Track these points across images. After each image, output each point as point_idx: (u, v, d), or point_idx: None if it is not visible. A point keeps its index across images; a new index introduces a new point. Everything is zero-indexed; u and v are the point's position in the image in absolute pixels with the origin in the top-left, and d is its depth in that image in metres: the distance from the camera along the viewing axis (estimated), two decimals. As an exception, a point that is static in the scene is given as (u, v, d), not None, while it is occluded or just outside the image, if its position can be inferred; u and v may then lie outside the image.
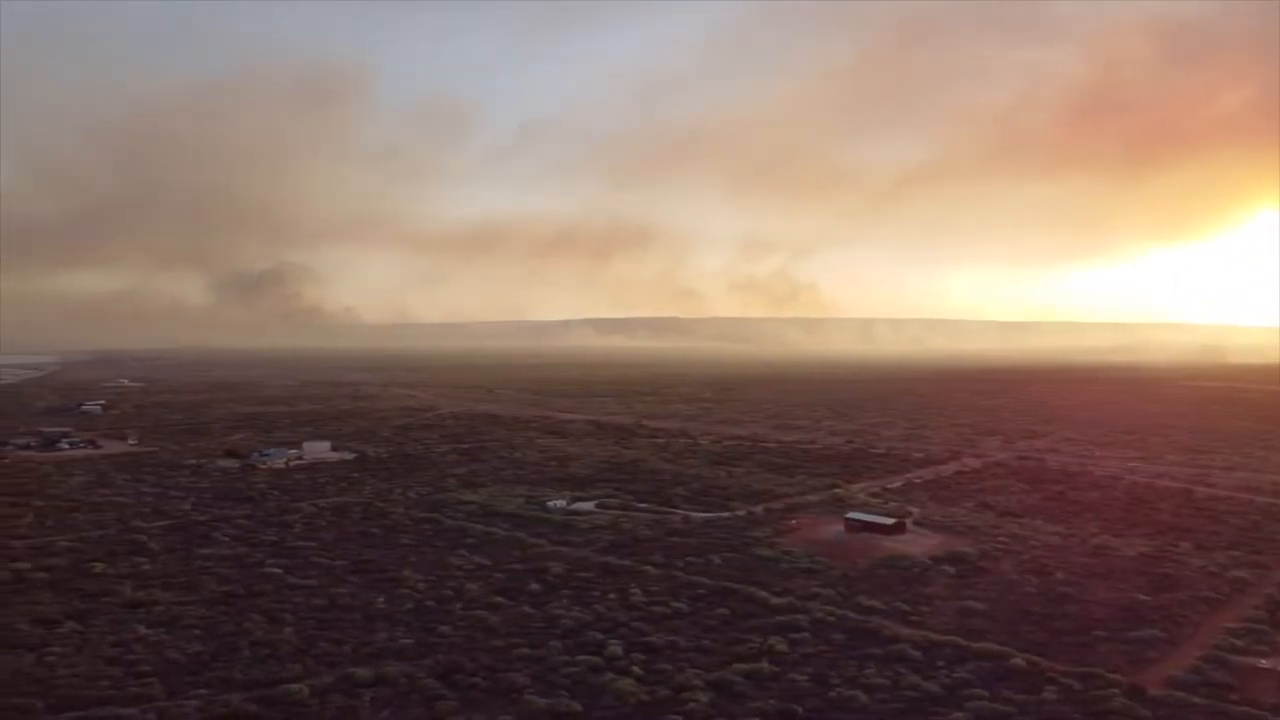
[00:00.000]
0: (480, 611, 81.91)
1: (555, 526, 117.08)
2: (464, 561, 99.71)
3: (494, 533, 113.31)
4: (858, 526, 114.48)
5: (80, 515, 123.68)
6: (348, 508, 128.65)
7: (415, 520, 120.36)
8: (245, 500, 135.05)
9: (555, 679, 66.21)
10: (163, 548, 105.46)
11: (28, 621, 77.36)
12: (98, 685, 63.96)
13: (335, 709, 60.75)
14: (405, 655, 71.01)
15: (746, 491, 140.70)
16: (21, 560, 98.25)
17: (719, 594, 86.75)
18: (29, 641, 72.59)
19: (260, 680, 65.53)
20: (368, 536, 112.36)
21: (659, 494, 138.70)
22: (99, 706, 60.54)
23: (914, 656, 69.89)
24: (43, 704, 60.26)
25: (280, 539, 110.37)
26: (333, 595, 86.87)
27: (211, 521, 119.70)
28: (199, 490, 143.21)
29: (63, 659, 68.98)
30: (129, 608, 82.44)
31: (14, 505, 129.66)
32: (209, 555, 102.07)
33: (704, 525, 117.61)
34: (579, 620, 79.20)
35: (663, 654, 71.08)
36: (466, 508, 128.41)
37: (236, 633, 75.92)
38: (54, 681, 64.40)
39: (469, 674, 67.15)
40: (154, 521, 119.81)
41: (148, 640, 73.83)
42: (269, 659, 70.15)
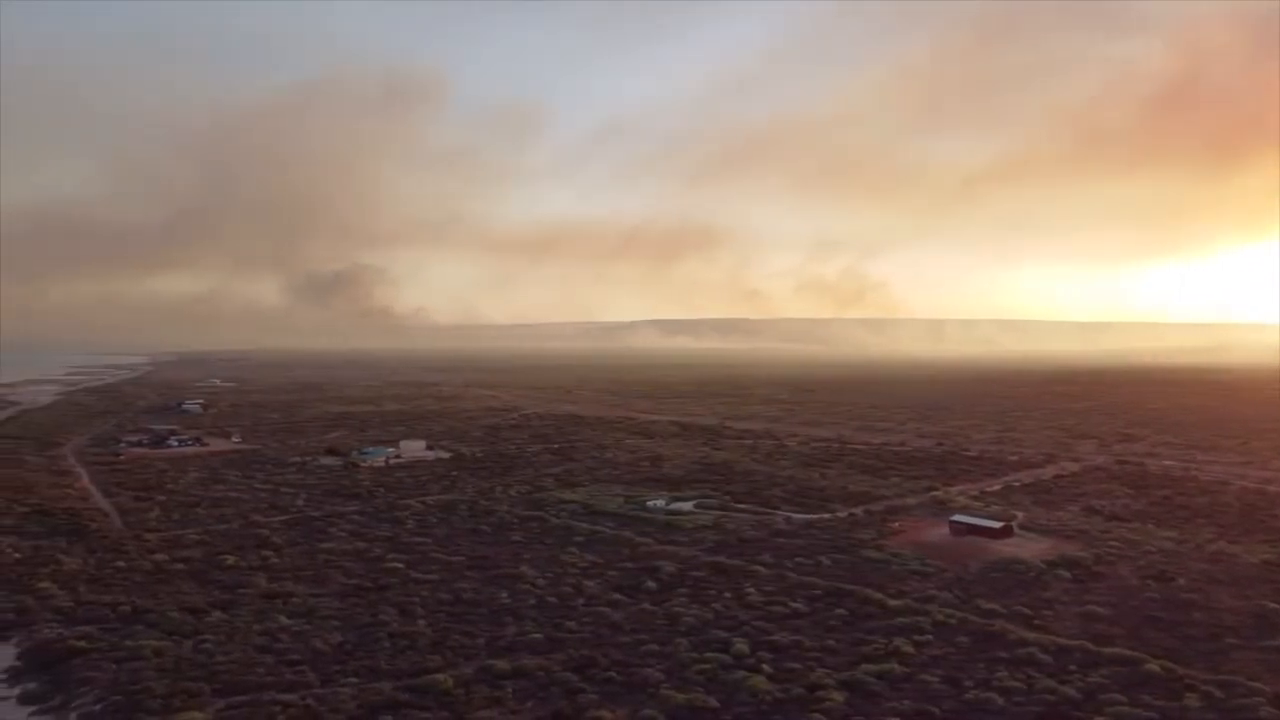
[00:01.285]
0: (602, 608, 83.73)
1: (659, 526, 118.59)
2: (576, 559, 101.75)
3: (600, 531, 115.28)
4: (963, 529, 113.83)
5: (202, 510, 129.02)
6: (454, 505, 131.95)
7: (521, 518, 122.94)
8: (354, 497, 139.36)
9: (687, 675, 67.57)
10: (286, 542, 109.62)
11: (178, 610, 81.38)
12: (254, 672, 67.22)
13: (482, 699, 62.92)
14: (537, 649, 73.06)
15: (843, 493, 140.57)
16: (158, 552, 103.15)
17: (835, 595, 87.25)
18: (184, 629, 76.48)
19: (405, 670, 68.20)
20: (478, 533, 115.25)
21: (756, 495, 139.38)
22: (259, 692, 63.64)
23: (1044, 660, 69.65)
24: (209, 688, 63.58)
25: (395, 535, 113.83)
26: (456, 590, 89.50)
27: (326, 517, 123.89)
28: (308, 487, 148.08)
29: (218, 646, 72.58)
30: (267, 599, 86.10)
31: (139, 500, 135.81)
32: (331, 550, 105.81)
33: (806, 526, 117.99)
34: (700, 618, 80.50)
35: (789, 653, 71.97)
36: (568, 506, 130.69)
37: (373, 624, 78.86)
38: (214, 667, 67.84)
39: (603, 668, 68.91)
40: (272, 517, 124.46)
41: (291, 630, 77.19)
42: (408, 650, 72.86)
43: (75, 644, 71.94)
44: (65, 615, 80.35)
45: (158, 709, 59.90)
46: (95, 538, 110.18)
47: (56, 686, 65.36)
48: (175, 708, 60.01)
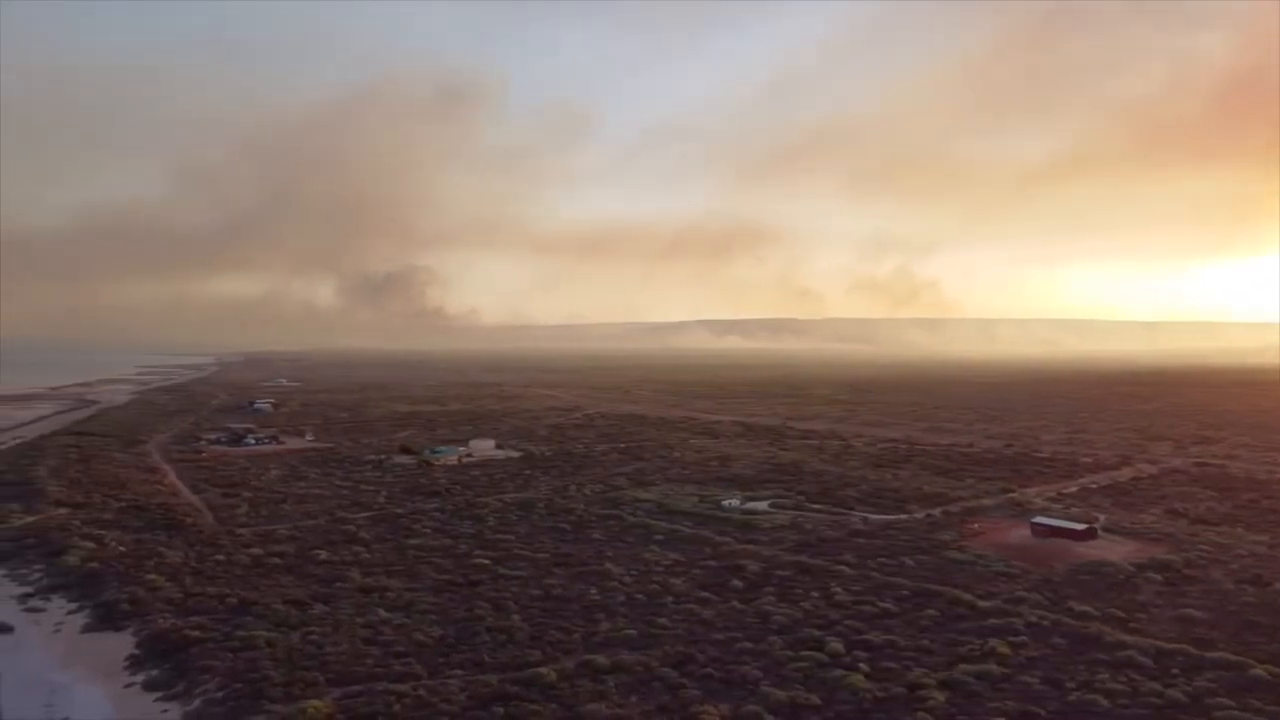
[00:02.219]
0: (691, 606, 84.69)
1: (736, 525, 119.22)
2: (659, 557, 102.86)
3: (679, 530, 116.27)
4: (1045, 531, 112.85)
5: (288, 506, 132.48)
6: (531, 503, 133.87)
7: (599, 517, 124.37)
8: (433, 494, 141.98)
9: (785, 673, 68.25)
10: (374, 537, 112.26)
11: (281, 602, 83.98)
12: (364, 663, 69.32)
13: (587, 693, 64.22)
14: (633, 645, 74.22)
15: (918, 494, 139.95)
16: (253, 547, 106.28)
17: (923, 595, 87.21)
18: (290, 621, 78.98)
19: (508, 663, 69.79)
20: (558, 531, 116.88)
21: (830, 495, 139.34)
22: (371, 682, 65.62)
23: (1144, 663, 69.11)
24: (323, 678, 65.74)
25: (478, 532, 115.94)
26: (546, 586, 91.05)
27: (410, 514, 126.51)
28: (387, 485, 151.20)
29: (325, 637, 74.87)
30: (364, 592, 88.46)
31: (226, 496, 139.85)
32: (418, 546, 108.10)
33: (885, 527, 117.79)
34: (791, 617, 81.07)
35: (884, 652, 72.27)
36: (644, 505, 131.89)
37: (469, 618, 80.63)
38: (325, 658, 70.04)
39: (700, 665, 69.86)
40: (357, 513, 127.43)
41: (392, 623, 79.27)
42: (507, 644, 74.46)
43: (190, 634, 74.62)
44: (176, 606, 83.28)
45: (280, 697, 62.08)
46: (192, 532, 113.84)
47: (178, 674, 67.97)
48: (296, 696, 62.17)
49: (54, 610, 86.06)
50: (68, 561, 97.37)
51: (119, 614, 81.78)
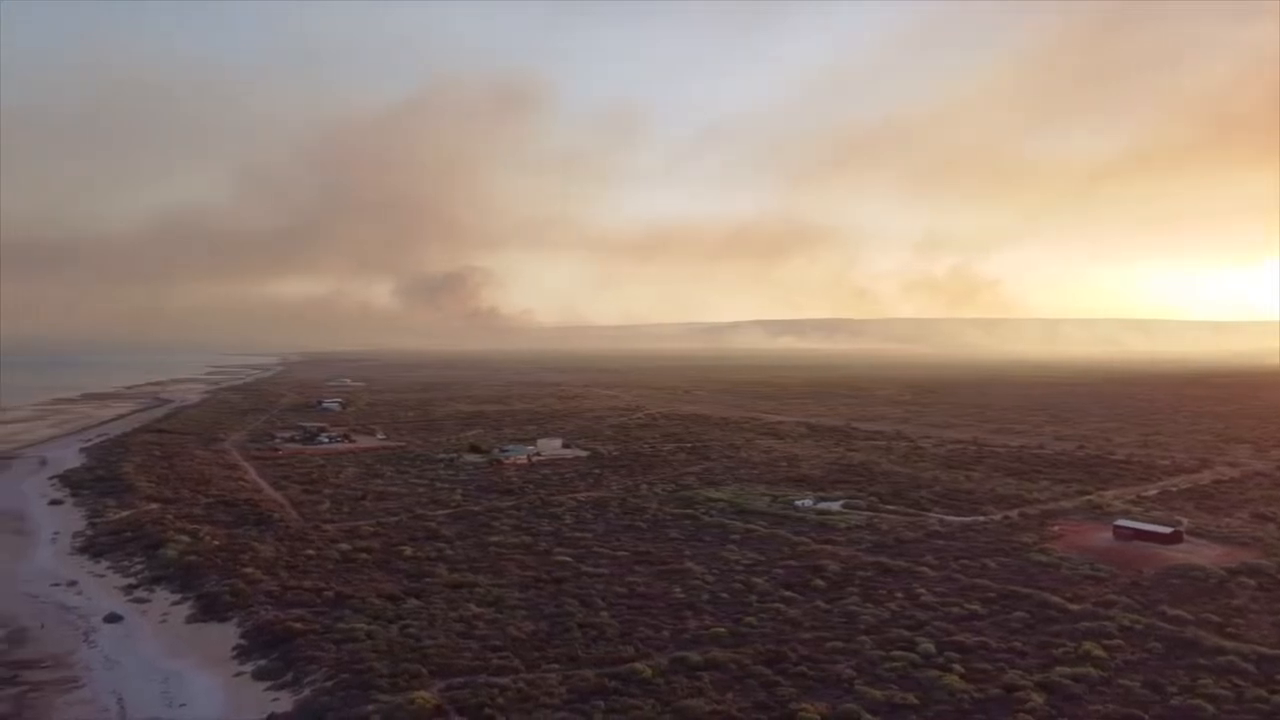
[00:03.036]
0: (776, 605, 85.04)
1: (812, 525, 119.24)
2: (738, 556, 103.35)
3: (755, 529, 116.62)
4: (1129, 534, 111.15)
5: (368, 503, 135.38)
6: (605, 502, 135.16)
7: (674, 516, 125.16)
8: (507, 493, 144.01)
9: (878, 672, 68.35)
10: (455, 534, 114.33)
11: (375, 596, 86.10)
12: (463, 656, 70.88)
13: (684, 689, 65.05)
14: (723, 643, 74.84)
15: (992, 496, 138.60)
16: (340, 542, 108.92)
17: (1009, 597, 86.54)
18: (386, 614, 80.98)
19: (602, 659, 70.85)
20: (634, 530, 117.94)
21: (903, 497, 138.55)
22: (472, 674, 67.14)
23: (1247, 669, 67.99)
24: (426, 670, 67.43)
25: (556, 530, 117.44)
26: (629, 584, 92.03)
27: (487, 512, 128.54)
28: (461, 483, 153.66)
29: (422, 630, 76.68)
30: (453, 588, 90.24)
31: (307, 493, 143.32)
32: (499, 543, 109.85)
33: (963, 529, 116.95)
34: (877, 617, 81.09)
35: (976, 653, 72.01)
36: (716, 505, 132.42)
37: (559, 614, 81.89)
38: (424, 650, 71.73)
39: (793, 663, 70.26)
40: (435, 510, 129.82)
41: (484, 618, 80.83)
42: (598, 640, 75.56)
43: (293, 625, 76.93)
44: (275, 599, 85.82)
45: (386, 688, 63.80)
46: (280, 527, 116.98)
47: (285, 664, 70.21)
48: (402, 687, 63.86)
49: (158, 601, 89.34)
50: (167, 555, 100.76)
51: (222, 605, 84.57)
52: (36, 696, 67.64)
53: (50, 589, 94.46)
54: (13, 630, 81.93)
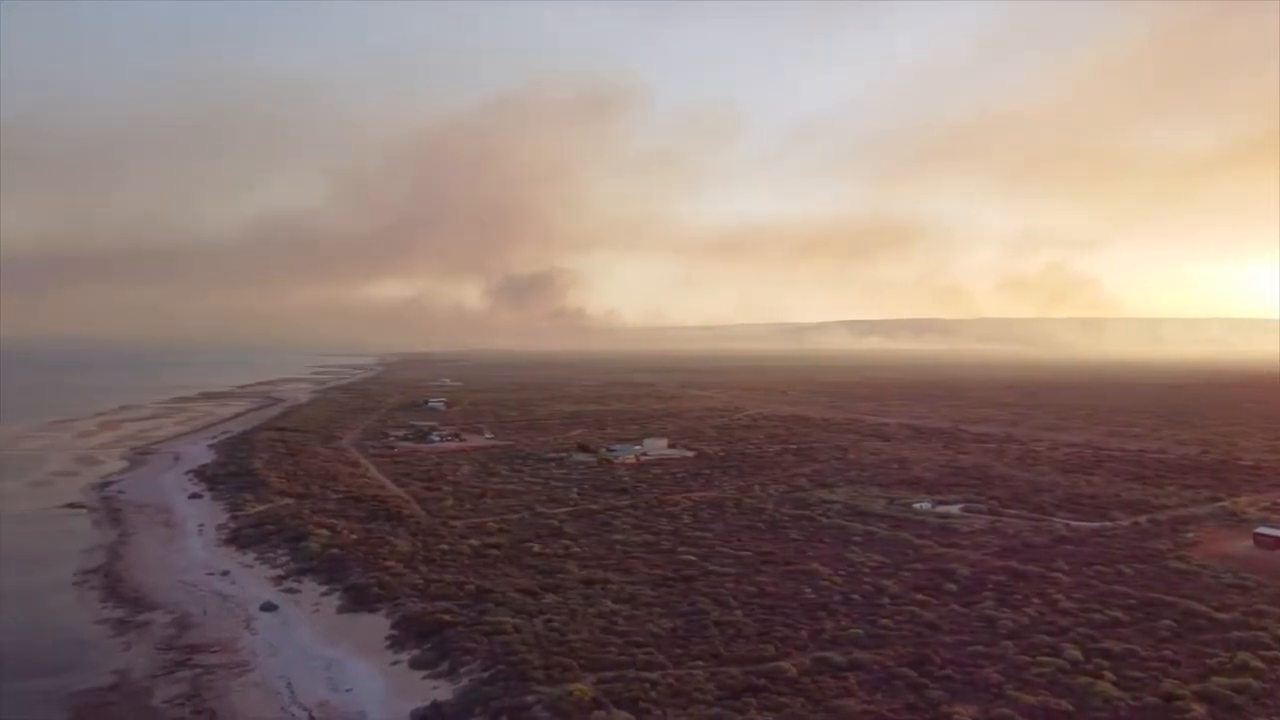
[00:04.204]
0: (910, 608, 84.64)
1: (933, 528, 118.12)
2: (863, 558, 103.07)
3: (875, 532, 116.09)
4: (1272, 542, 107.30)
5: (489, 500, 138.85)
6: (720, 502, 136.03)
7: (791, 517, 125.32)
8: (621, 492, 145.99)
9: (1026, 677, 67.61)
10: (578, 532, 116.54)
11: (514, 591, 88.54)
12: (608, 650, 72.50)
13: (833, 689, 65.54)
14: (862, 644, 74.92)
15: (1117, 501, 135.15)
16: (469, 538, 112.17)
17: (1152, 605, 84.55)
18: (528, 608, 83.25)
19: (745, 657, 71.69)
20: (754, 530, 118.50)
21: (1024, 501, 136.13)
22: (619, 669, 68.64)
23: None
24: (576, 663, 69.30)
25: (676, 529, 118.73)
26: (758, 584, 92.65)
27: (605, 510, 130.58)
28: (574, 481, 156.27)
29: (565, 625, 78.64)
30: (586, 584, 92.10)
31: (429, 490, 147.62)
32: (622, 541, 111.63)
33: (1092, 534, 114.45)
34: (1017, 622, 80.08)
35: (1126, 661, 70.69)
36: (832, 506, 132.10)
37: (694, 612, 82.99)
38: (571, 644, 73.58)
39: (938, 666, 70.05)
40: (555, 508, 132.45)
41: (622, 614, 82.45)
42: (737, 638, 76.41)
43: (441, 617, 79.74)
44: (420, 591, 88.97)
45: (542, 679, 65.81)
46: (410, 523, 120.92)
47: (440, 654, 72.87)
48: (556, 679, 65.79)
49: (308, 591, 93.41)
50: (310, 547, 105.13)
51: (370, 597, 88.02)
52: (211, 678, 71.67)
53: (205, 578, 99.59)
54: (179, 616, 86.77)
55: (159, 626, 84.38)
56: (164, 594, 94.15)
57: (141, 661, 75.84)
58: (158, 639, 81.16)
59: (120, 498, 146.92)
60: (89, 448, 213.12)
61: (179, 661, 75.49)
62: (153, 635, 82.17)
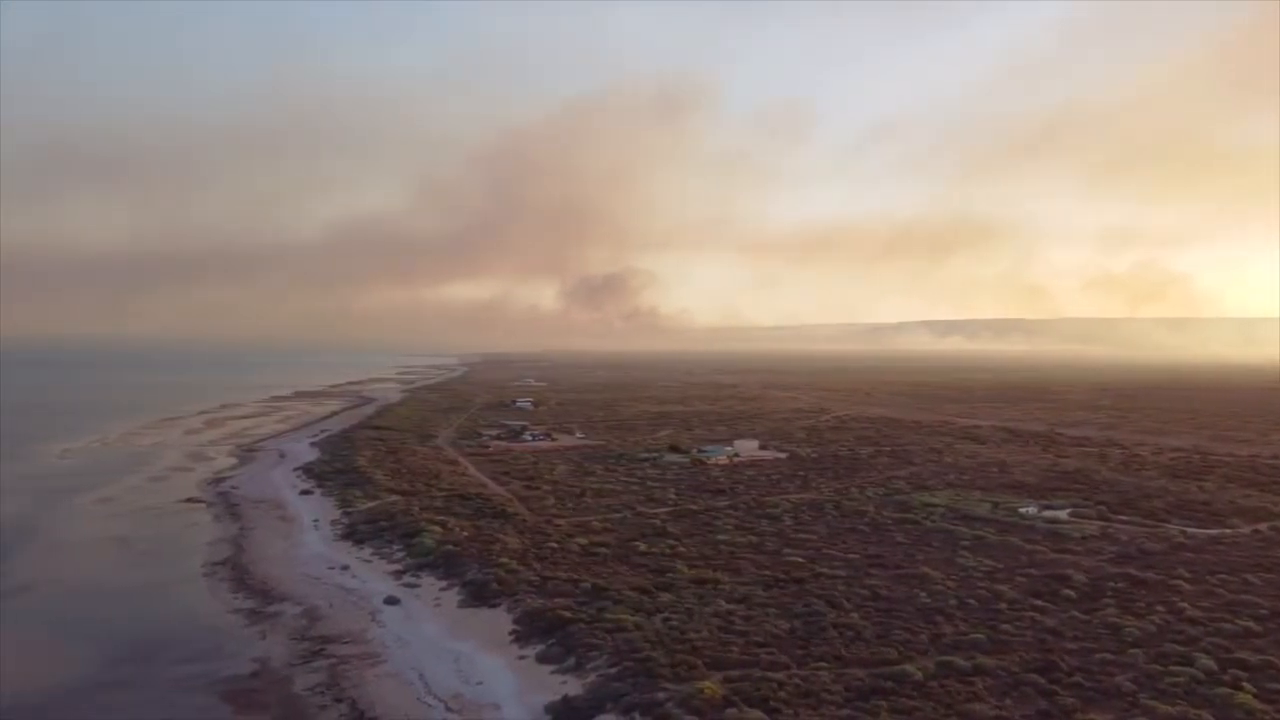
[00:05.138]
0: (1029, 613, 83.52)
1: (1043, 533, 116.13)
2: (974, 563, 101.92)
3: (983, 536, 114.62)
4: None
5: (589, 499, 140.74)
6: (819, 504, 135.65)
7: (895, 520, 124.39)
8: (718, 493, 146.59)
9: (1160, 686, 66.32)
10: (681, 532, 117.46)
11: (629, 589, 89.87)
12: (730, 650, 73.26)
13: (961, 693, 65.27)
14: (984, 649, 74.27)
15: (1235, 509, 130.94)
16: (576, 536, 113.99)
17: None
18: (645, 606, 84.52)
19: (867, 660, 71.73)
20: (858, 533, 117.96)
21: (1133, 506, 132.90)
22: (743, 668, 69.34)
23: None
24: (701, 662, 70.24)
25: (778, 530, 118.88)
26: (870, 587, 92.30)
27: (705, 511, 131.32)
28: (670, 482, 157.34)
29: (685, 624, 79.61)
30: (697, 584, 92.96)
31: (529, 489, 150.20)
32: (727, 542, 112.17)
33: (1211, 542, 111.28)
34: (1143, 630, 78.41)
35: (1264, 672, 68.67)
36: (935, 510, 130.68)
37: (809, 614, 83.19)
38: (693, 642, 74.48)
39: (1066, 673, 69.15)
40: (655, 508, 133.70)
41: (738, 614, 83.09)
42: (855, 641, 76.43)
43: (562, 614, 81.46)
44: (537, 588, 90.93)
45: (670, 676, 66.94)
46: (516, 520, 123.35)
47: (565, 650, 74.51)
48: (683, 677, 66.86)
49: (427, 586, 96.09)
50: (425, 543, 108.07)
51: (489, 592, 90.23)
52: (346, 668, 74.45)
53: (327, 571, 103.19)
54: (307, 608, 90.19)
55: (290, 618, 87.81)
56: (290, 586, 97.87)
57: (278, 651, 79.13)
58: (290, 629, 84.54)
59: (235, 493, 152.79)
60: (198, 444, 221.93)
61: (313, 652, 78.54)
62: (285, 626, 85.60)
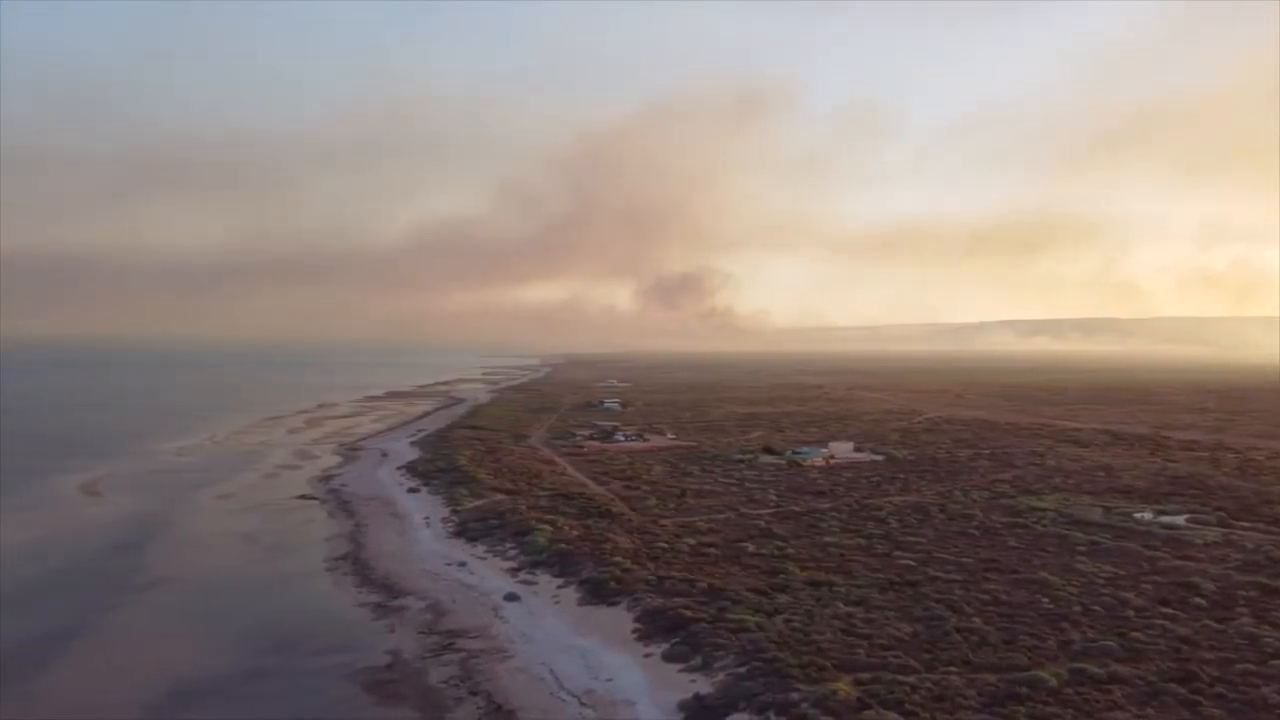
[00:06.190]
0: (1159, 621, 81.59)
1: (1162, 539, 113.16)
2: (1093, 569, 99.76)
3: (1099, 542, 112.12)
4: None
5: (690, 500, 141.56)
6: (924, 507, 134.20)
7: (1004, 524, 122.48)
8: (819, 494, 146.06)
9: (1310, 700, 64.55)
10: (788, 533, 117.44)
11: (746, 590, 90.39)
12: (856, 652, 73.26)
13: (1100, 701, 64.27)
14: (1117, 657, 72.91)
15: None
16: (684, 537, 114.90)
17: None
18: (764, 607, 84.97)
19: (997, 665, 71.00)
20: (968, 536, 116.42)
21: (1255, 513, 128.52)
22: (872, 670, 69.29)
23: None
24: (829, 663, 70.46)
25: (886, 533, 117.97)
26: (990, 592, 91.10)
27: (808, 513, 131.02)
28: (769, 483, 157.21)
29: (807, 625, 79.83)
30: (812, 585, 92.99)
31: (628, 489, 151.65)
32: (834, 544, 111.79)
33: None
34: (1284, 641, 76.30)
35: None
36: (1045, 514, 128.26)
37: (929, 618, 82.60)
38: (818, 644, 74.63)
39: (1206, 683, 67.51)
40: (758, 509, 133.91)
41: (858, 617, 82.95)
42: (981, 646, 75.58)
43: (683, 613, 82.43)
44: (653, 587, 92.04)
45: (800, 677, 67.34)
46: (622, 520, 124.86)
47: (691, 649, 75.40)
48: (814, 678, 67.21)
49: (544, 584, 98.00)
50: (537, 541, 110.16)
51: (607, 591, 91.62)
52: (478, 663, 76.50)
53: (445, 568, 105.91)
54: (431, 603, 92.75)
55: (415, 612, 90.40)
56: (411, 581, 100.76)
57: (408, 644, 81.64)
58: (417, 624, 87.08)
59: (345, 490, 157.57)
60: (302, 443, 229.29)
61: (443, 646, 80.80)
62: (411, 620, 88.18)
